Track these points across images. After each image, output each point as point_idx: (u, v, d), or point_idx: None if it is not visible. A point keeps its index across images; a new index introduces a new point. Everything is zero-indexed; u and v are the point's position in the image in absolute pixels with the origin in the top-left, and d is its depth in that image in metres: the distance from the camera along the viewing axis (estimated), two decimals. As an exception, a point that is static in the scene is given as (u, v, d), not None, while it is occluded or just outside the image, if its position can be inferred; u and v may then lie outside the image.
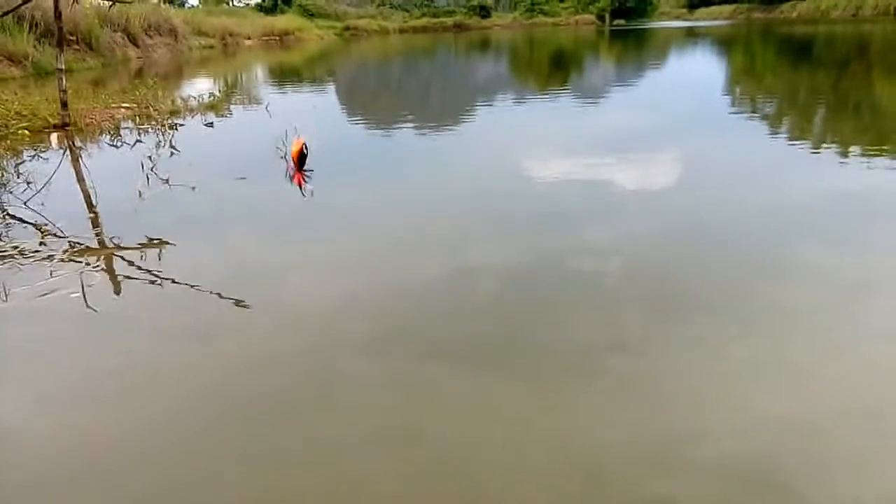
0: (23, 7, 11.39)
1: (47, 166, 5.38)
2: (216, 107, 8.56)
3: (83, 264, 3.25)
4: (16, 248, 3.44)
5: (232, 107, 8.96)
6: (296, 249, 3.53)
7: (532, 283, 2.92)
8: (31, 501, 1.71)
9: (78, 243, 3.55)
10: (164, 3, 27.70)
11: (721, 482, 1.67)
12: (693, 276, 2.95)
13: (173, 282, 3.01)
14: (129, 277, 3.10)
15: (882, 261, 3.05)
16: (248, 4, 46.87)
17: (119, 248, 3.51)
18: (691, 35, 28.17)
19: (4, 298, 2.85)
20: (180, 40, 21.53)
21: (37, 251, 3.42)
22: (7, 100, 7.60)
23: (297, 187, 4.62)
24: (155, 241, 3.55)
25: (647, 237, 3.45)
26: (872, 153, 5.23)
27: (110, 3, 11.49)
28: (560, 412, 1.98)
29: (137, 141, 6.39)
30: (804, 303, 2.65)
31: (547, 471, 1.72)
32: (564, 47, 24.37)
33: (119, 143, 6.37)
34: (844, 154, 5.29)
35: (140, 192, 4.51)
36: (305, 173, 4.87)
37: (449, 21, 50.16)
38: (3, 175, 4.99)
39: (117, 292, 2.96)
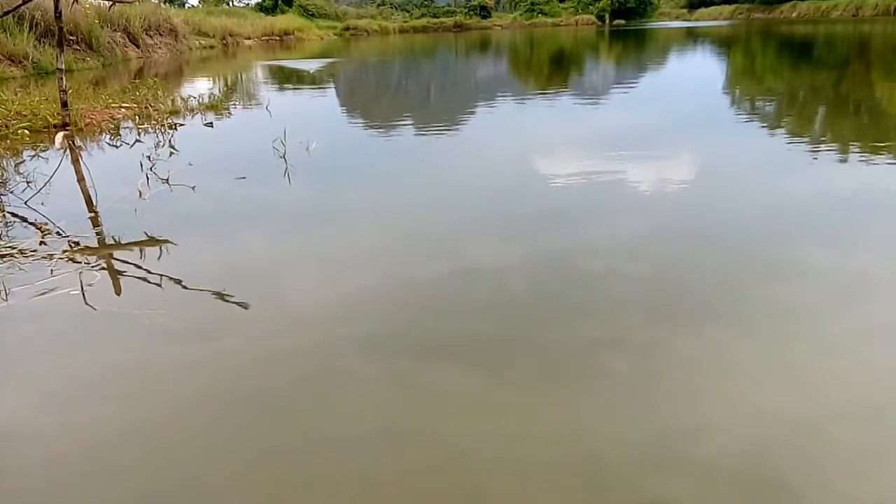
0: (23, 7, 11.40)
1: (47, 166, 5.38)
2: (216, 107, 8.56)
3: (83, 263, 3.25)
4: (15, 247, 3.44)
5: (232, 107, 8.97)
6: (296, 249, 3.53)
7: (533, 282, 2.92)
8: (33, 501, 1.71)
9: (78, 242, 3.55)
10: (164, 3, 27.71)
11: (722, 480, 1.67)
12: (694, 275, 2.95)
13: (173, 280, 3.01)
14: (129, 276, 3.10)
15: (883, 260, 3.05)
16: (248, 4, 46.95)
17: (119, 246, 3.51)
18: (691, 35, 28.17)
19: (4, 297, 2.85)
20: (180, 40, 21.55)
21: (37, 250, 3.42)
22: (7, 100, 7.61)
23: None
24: (155, 240, 3.55)
25: (647, 236, 3.45)
26: (873, 153, 5.23)
27: (110, 3, 11.50)
28: (562, 410, 1.98)
29: (137, 141, 6.39)
30: (805, 302, 2.65)
31: (547, 469, 1.72)
32: (565, 47, 24.38)
33: (119, 143, 6.37)
34: (845, 154, 5.29)
35: (140, 191, 4.51)
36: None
37: (449, 21, 50.28)
38: (3, 175, 4.99)
39: (117, 291, 2.96)
